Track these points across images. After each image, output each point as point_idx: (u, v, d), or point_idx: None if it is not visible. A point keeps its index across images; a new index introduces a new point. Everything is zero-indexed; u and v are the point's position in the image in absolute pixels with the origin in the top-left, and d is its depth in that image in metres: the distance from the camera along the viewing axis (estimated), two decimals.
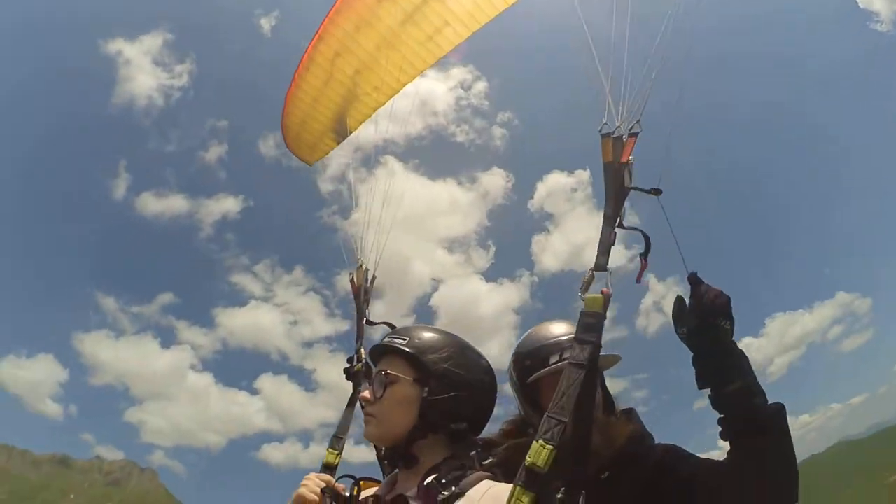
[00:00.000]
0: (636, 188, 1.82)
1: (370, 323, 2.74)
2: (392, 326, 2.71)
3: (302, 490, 1.65)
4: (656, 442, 2.04)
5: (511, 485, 1.45)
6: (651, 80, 1.89)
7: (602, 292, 1.66)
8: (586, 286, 1.71)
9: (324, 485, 1.64)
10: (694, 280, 1.71)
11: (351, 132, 3.64)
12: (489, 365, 1.76)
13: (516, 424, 2.15)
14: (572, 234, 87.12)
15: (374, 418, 1.62)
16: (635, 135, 1.86)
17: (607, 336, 1.63)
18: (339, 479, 1.70)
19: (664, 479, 1.84)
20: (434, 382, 1.60)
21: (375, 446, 1.88)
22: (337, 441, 2.25)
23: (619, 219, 1.78)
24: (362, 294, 2.85)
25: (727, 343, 1.66)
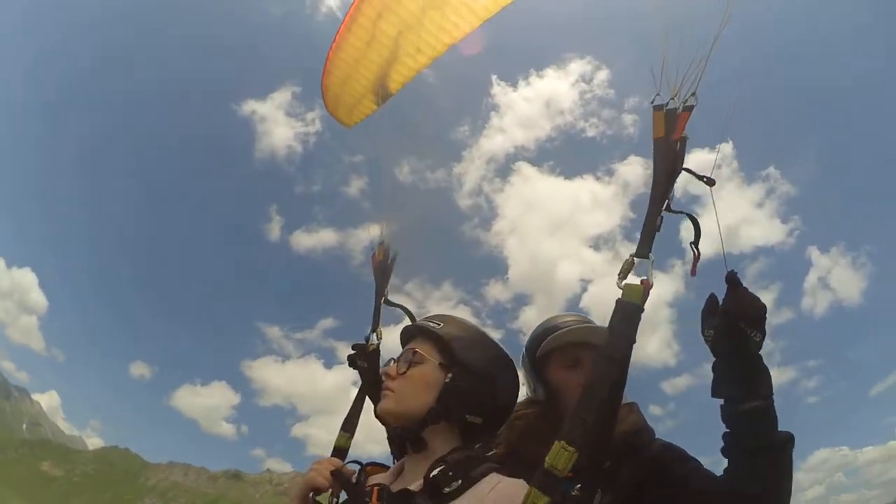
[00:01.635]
0: (689, 171, 1.67)
1: (388, 303, 2.72)
2: (408, 311, 2.67)
3: (312, 474, 1.65)
4: (656, 437, 2.00)
5: (519, 480, 1.43)
6: (711, 47, 1.71)
7: (642, 282, 1.53)
8: (625, 273, 1.58)
9: (333, 468, 1.64)
10: (732, 280, 1.60)
11: (391, 94, 3.58)
12: (517, 371, 1.77)
13: (522, 405, 2.10)
14: (724, 214, 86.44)
15: (393, 393, 1.62)
16: (690, 108, 1.70)
17: (772, 320, 1.47)
18: (347, 463, 1.70)
19: (658, 476, 1.81)
20: (458, 370, 1.60)
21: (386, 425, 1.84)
22: (349, 424, 2.27)
23: (667, 201, 1.63)
24: (382, 271, 2.80)
25: (753, 356, 1.56)
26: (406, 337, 1.76)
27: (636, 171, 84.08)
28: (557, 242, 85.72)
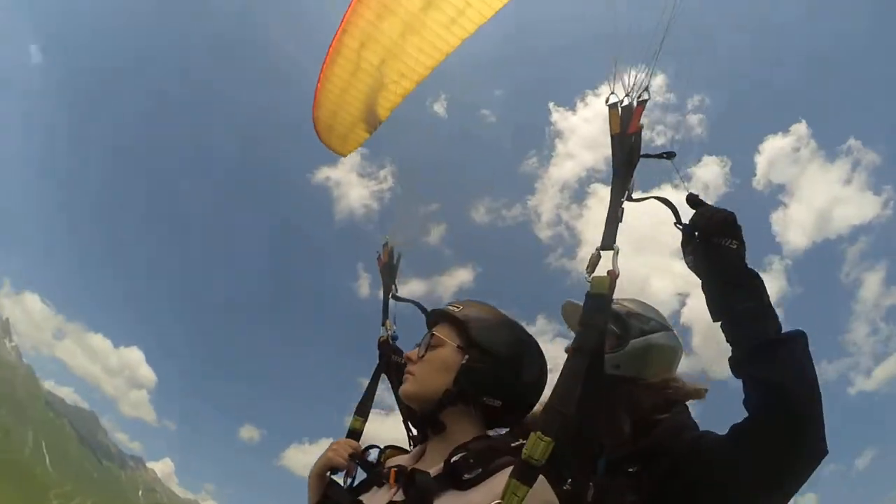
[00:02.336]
0: (646, 155, 1.72)
1: (396, 298, 2.82)
2: (419, 305, 2.71)
3: (330, 454, 1.71)
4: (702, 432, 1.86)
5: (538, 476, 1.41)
6: (659, 45, 1.77)
7: (608, 272, 1.58)
8: (592, 266, 1.63)
9: (351, 450, 1.71)
10: (694, 200, 1.65)
11: (381, 121, 3.68)
12: (542, 358, 1.73)
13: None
14: (812, 198, 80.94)
15: (413, 376, 1.66)
16: (644, 102, 1.75)
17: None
18: (366, 448, 1.75)
19: (677, 478, 1.73)
20: (475, 352, 1.61)
21: (403, 410, 1.96)
22: (363, 407, 2.31)
23: (627, 192, 1.69)
24: (388, 271, 2.93)
25: (735, 265, 1.57)
26: (431, 323, 1.80)
27: (713, 171, 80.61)
28: (646, 259, 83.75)
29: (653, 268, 78.93)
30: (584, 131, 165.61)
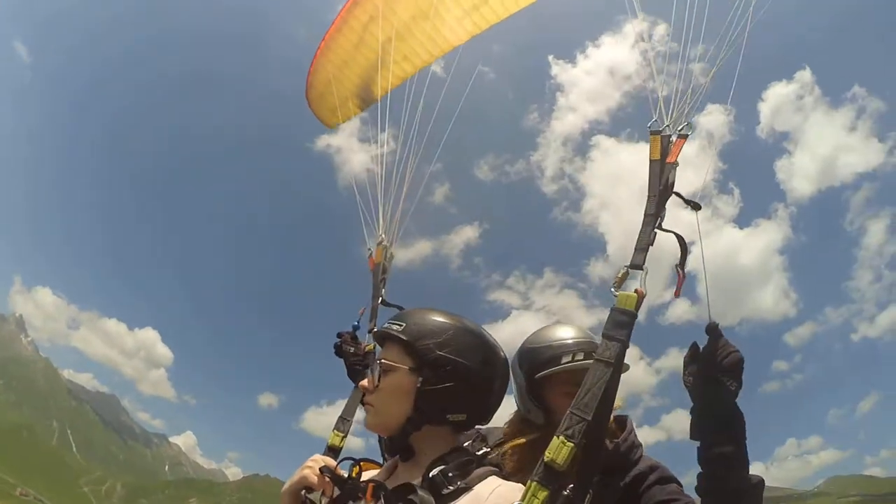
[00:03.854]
0: (679, 195, 1.80)
1: (385, 304, 2.74)
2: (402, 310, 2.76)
3: (305, 472, 1.61)
4: (644, 455, 2.01)
5: (518, 484, 1.43)
6: (707, 79, 1.87)
7: (636, 291, 1.62)
8: (620, 282, 1.67)
9: (326, 466, 1.60)
10: (713, 331, 1.74)
11: (376, 100, 3.61)
12: (499, 353, 1.64)
13: (515, 425, 2.11)
14: (816, 145, 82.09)
15: (373, 408, 1.58)
16: (685, 136, 1.84)
17: None
18: (340, 461, 1.66)
19: (638, 498, 1.87)
20: (429, 371, 1.52)
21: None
22: (342, 423, 2.26)
23: (659, 220, 1.76)
24: (380, 272, 2.83)
25: (728, 404, 1.69)
26: (378, 343, 1.71)
27: (717, 119, 79.99)
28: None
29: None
30: (585, 84, 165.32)
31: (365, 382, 1.60)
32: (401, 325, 1.58)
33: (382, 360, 1.57)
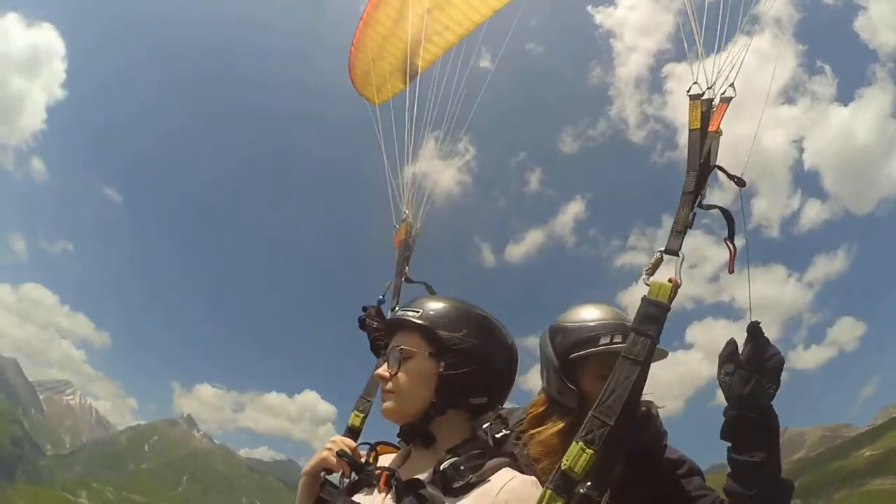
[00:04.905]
0: (721, 169, 1.63)
1: (409, 280, 2.76)
2: (430, 287, 2.72)
3: (325, 453, 1.63)
4: (668, 444, 1.93)
5: (530, 477, 1.41)
6: (751, 36, 1.69)
7: (670, 280, 1.51)
8: (653, 269, 1.55)
9: (346, 448, 1.62)
10: (755, 331, 1.60)
11: (419, 73, 3.58)
12: (507, 334, 1.64)
13: (541, 407, 2.01)
14: None
15: (392, 394, 1.56)
16: (728, 100, 1.66)
17: None
18: (359, 444, 1.67)
19: (669, 492, 1.80)
20: (450, 356, 1.52)
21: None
22: (363, 403, 2.28)
23: (700, 198, 1.60)
24: (404, 249, 2.84)
25: (765, 407, 1.57)
26: (390, 332, 1.69)
27: (778, 8, 72.91)
28: (747, 119, 77.26)
29: (757, 124, 72.18)
30: (633, 20, 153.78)
31: (382, 371, 1.59)
32: (417, 312, 1.58)
33: (403, 347, 1.56)
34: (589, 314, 1.98)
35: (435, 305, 1.59)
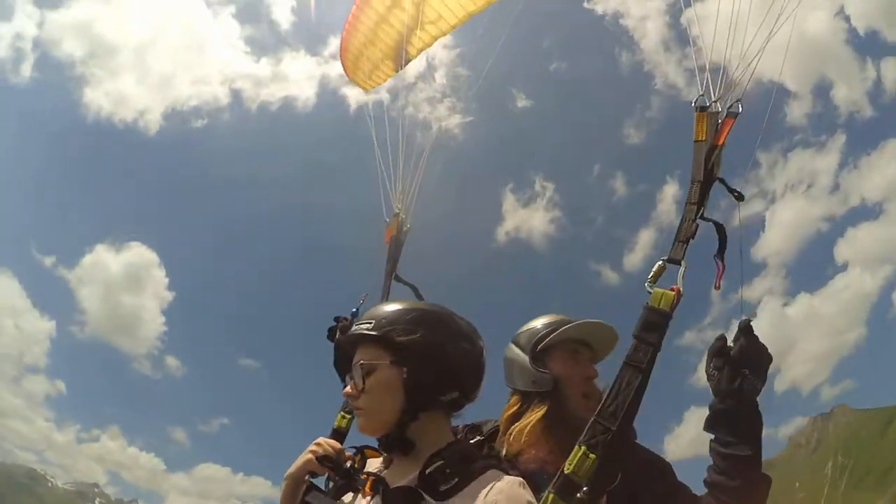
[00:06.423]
0: (723, 181, 1.68)
1: (398, 279, 2.68)
2: (417, 290, 2.63)
3: (309, 456, 1.61)
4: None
5: (517, 478, 1.41)
6: (758, 52, 1.73)
7: (672, 289, 1.55)
8: (655, 277, 1.60)
9: (332, 450, 1.61)
10: (746, 328, 1.67)
11: (409, 61, 3.55)
12: (466, 322, 1.62)
13: (515, 407, 2.00)
14: None
15: (363, 410, 1.54)
16: (734, 115, 1.70)
17: None
18: (346, 447, 1.64)
19: (645, 488, 1.82)
20: (412, 360, 1.50)
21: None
22: (348, 404, 2.17)
23: (702, 209, 1.65)
24: (395, 246, 2.76)
25: (752, 403, 1.64)
26: (349, 349, 1.65)
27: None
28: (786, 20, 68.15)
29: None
30: None
31: (348, 389, 1.56)
32: (370, 323, 1.55)
33: (362, 362, 1.53)
34: (543, 318, 2.03)
35: (385, 312, 1.56)
